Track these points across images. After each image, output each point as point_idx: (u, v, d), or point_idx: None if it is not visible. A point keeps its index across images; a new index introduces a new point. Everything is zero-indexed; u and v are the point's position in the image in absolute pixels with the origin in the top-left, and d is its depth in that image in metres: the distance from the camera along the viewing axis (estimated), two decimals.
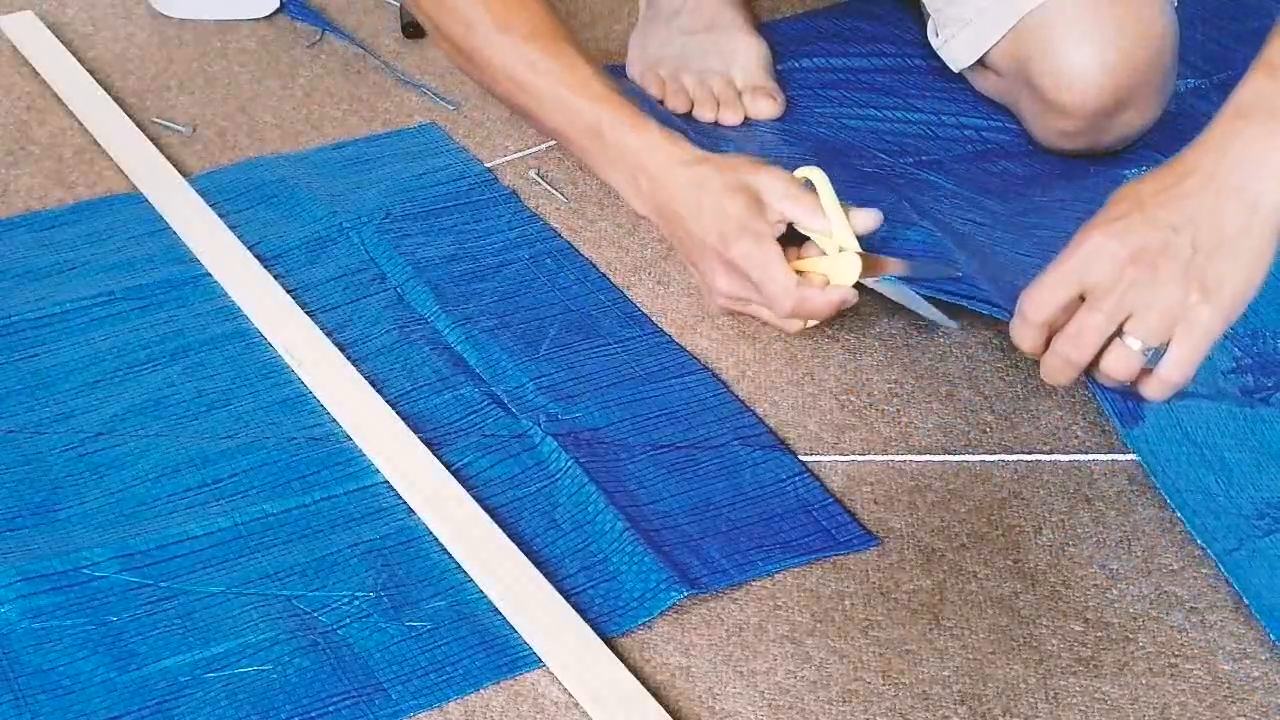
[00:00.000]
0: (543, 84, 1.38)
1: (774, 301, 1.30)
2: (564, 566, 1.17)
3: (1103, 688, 1.09)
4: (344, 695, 1.08)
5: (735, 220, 1.29)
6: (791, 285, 1.29)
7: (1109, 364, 1.13)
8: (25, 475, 1.24)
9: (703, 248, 1.32)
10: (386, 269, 1.45)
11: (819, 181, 1.31)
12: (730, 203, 1.30)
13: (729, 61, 1.64)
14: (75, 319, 1.39)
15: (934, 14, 1.60)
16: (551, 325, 1.39)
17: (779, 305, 1.30)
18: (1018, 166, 1.55)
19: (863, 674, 1.10)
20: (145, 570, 1.16)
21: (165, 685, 1.08)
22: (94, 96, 1.67)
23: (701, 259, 1.33)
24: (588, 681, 1.08)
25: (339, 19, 1.83)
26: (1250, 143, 1.08)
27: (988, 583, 1.16)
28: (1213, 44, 1.70)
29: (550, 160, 1.59)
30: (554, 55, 1.38)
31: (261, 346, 1.36)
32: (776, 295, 1.30)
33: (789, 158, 1.54)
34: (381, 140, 1.63)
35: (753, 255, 1.29)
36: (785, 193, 1.30)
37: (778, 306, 1.31)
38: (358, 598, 1.14)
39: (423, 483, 1.22)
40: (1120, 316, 1.11)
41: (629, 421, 1.29)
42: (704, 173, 1.32)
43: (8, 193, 1.55)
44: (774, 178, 1.31)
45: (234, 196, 1.54)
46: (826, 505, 1.22)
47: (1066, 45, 1.47)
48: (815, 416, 1.31)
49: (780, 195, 1.30)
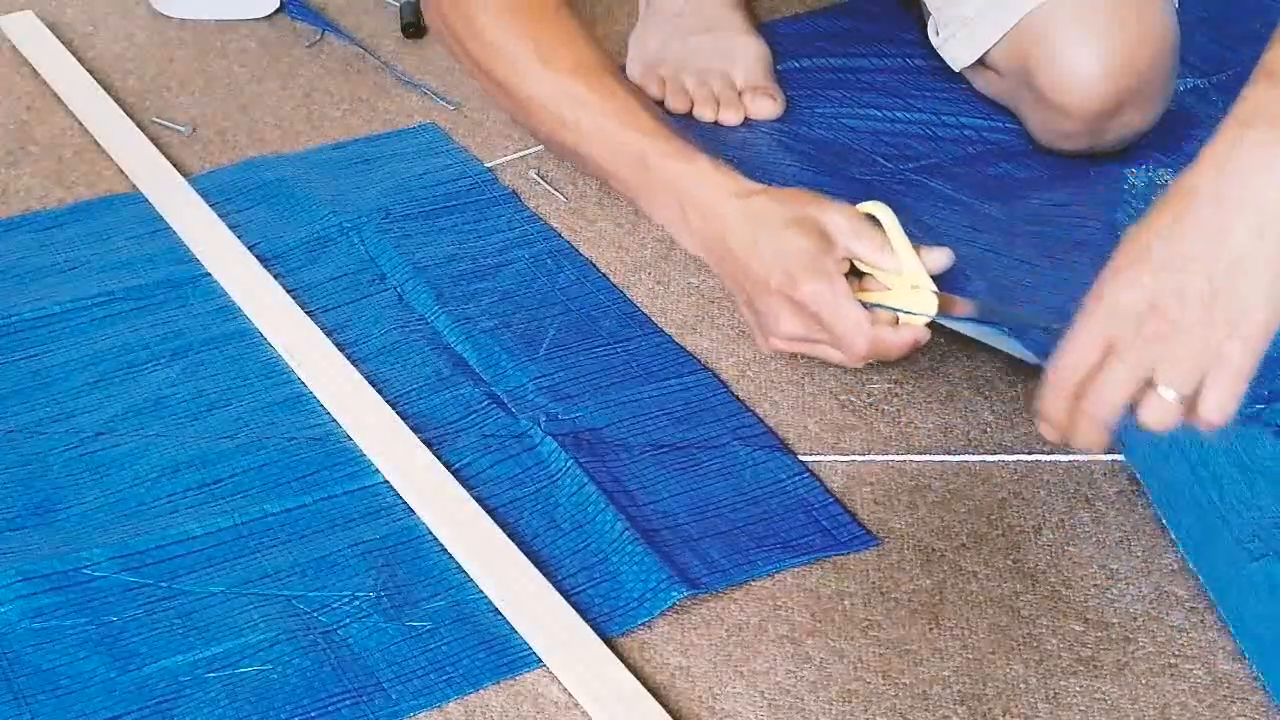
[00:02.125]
0: (586, 117, 1.31)
1: (847, 343, 1.21)
2: (564, 566, 1.17)
3: (1103, 688, 1.09)
4: (344, 695, 1.08)
5: (801, 257, 1.20)
6: (866, 325, 1.20)
7: (1148, 417, 1.06)
8: (25, 475, 1.24)
9: (764, 287, 1.22)
10: (386, 269, 1.45)
11: (885, 217, 1.22)
12: (794, 239, 1.20)
13: (729, 62, 1.63)
14: (75, 319, 1.39)
15: (934, 13, 1.60)
16: (551, 325, 1.39)
17: (853, 347, 1.21)
18: (1018, 168, 1.55)
19: (863, 674, 1.10)
20: (145, 570, 1.15)
21: (165, 685, 1.08)
22: (94, 96, 1.67)
23: (761, 298, 1.23)
24: (588, 681, 1.08)
25: (339, 19, 1.83)
26: (1252, 152, 1.04)
27: (988, 583, 1.16)
28: (1213, 44, 1.70)
29: (550, 160, 1.59)
30: (598, 88, 1.31)
31: (261, 346, 1.36)
32: (850, 336, 1.20)
33: (789, 160, 1.54)
34: (381, 140, 1.63)
35: (823, 294, 1.20)
36: (852, 229, 1.21)
37: (851, 348, 1.21)
38: (358, 598, 1.14)
39: (423, 483, 1.22)
40: (1144, 369, 1.05)
41: (629, 421, 1.29)
42: (761, 205, 1.23)
43: (8, 193, 1.55)
44: (838, 213, 1.22)
45: (234, 196, 1.54)
46: (826, 505, 1.22)
47: (1067, 46, 1.46)
48: (815, 416, 1.30)
49: (847, 232, 1.21)
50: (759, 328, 1.25)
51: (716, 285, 1.43)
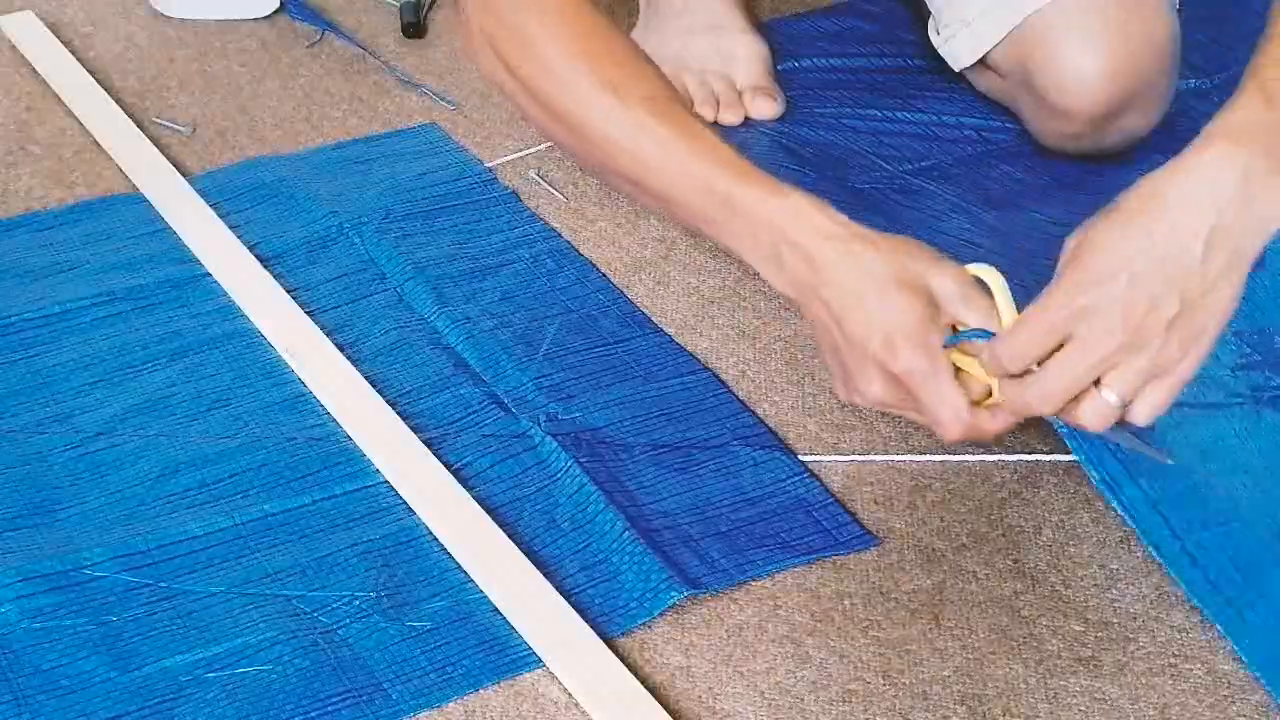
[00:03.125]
0: (662, 152, 1.20)
1: (942, 426, 1.12)
2: (564, 566, 1.17)
3: (1103, 688, 1.09)
4: (344, 695, 1.08)
5: (905, 325, 1.10)
6: (964, 411, 1.11)
7: (1086, 416, 1.07)
8: (25, 475, 1.24)
9: (860, 351, 1.12)
10: (386, 269, 1.45)
11: (995, 283, 1.13)
12: (898, 302, 1.10)
13: (729, 61, 1.64)
14: (75, 319, 1.39)
15: (936, 12, 1.60)
16: (551, 325, 1.39)
17: (947, 430, 1.12)
18: (1017, 170, 1.55)
19: (863, 674, 1.10)
20: (145, 570, 1.15)
21: (165, 685, 1.08)
22: (94, 96, 1.67)
23: (855, 360, 1.13)
24: (588, 681, 1.08)
25: (339, 19, 1.83)
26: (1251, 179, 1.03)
27: (988, 583, 1.16)
28: (1213, 44, 1.70)
29: (550, 160, 1.59)
30: (672, 120, 1.21)
31: (261, 346, 1.36)
32: (946, 421, 1.11)
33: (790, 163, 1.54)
34: (381, 140, 1.63)
35: (923, 373, 1.10)
36: (961, 295, 1.12)
37: (946, 431, 1.12)
38: (358, 598, 1.14)
39: (423, 483, 1.22)
40: (1098, 371, 1.05)
41: (629, 421, 1.29)
42: (864, 255, 1.13)
43: (8, 193, 1.55)
44: (947, 275, 1.12)
45: (234, 196, 1.54)
46: (826, 505, 1.22)
47: (1068, 48, 1.46)
48: (815, 416, 1.30)
49: (956, 298, 1.12)
50: (843, 381, 1.16)
51: (717, 285, 1.43)
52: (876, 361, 1.11)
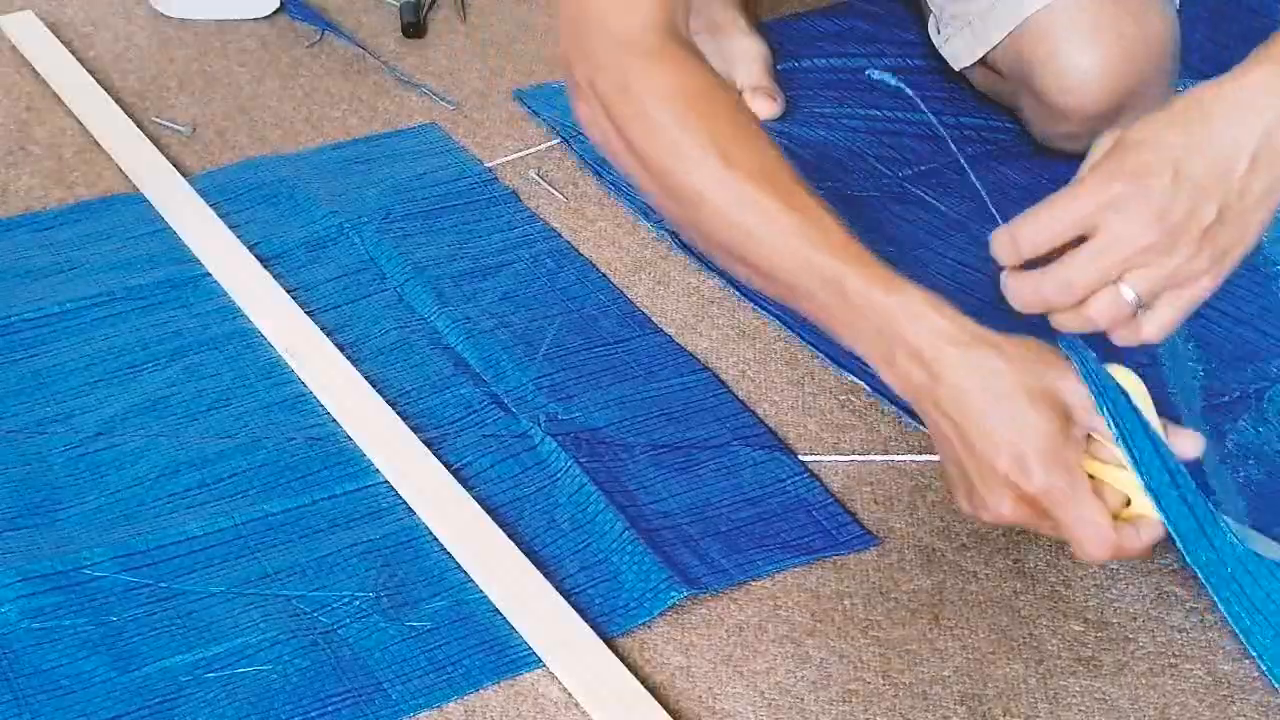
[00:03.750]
0: (771, 230, 1.10)
1: (1084, 547, 1.04)
2: (564, 566, 1.17)
3: (1103, 688, 1.09)
4: (344, 695, 1.08)
5: (1039, 442, 1.02)
6: (1108, 530, 1.03)
7: (1098, 308, 1.02)
8: (25, 475, 1.24)
9: (987, 468, 1.03)
10: (386, 269, 1.45)
11: (1135, 388, 1.05)
12: (1030, 417, 1.02)
13: (729, 62, 1.64)
14: (75, 319, 1.39)
15: (936, 11, 1.61)
16: (551, 325, 1.39)
17: (1090, 553, 1.04)
18: (1016, 172, 1.55)
19: (863, 674, 1.10)
20: (145, 570, 1.15)
21: (165, 685, 1.08)
22: (94, 96, 1.67)
23: (981, 477, 1.04)
24: (588, 681, 1.08)
25: (339, 19, 1.83)
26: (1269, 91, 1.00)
27: (988, 583, 1.16)
28: (1213, 44, 1.70)
29: (550, 160, 1.59)
30: (786, 198, 1.10)
31: (261, 346, 1.36)
32: (1089, 542, 1.03)
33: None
34: (381, 140, 1.63)
35: (1062, 493, 1.02)
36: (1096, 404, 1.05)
37: (1091, 552, 1.04)
38: (358, 598, 1.14)
39: (423, 483, 1.22)
40: (1122, 268, 1.01)
41: (629, 421, 1.29)
42: (989, 363, 1.03)
43: (8, 193, 1.55)
44: (1081, 383, 1.04)
45: (234, 196, 1.54)
46: (826, 505, 1.22)
47: (1068, 49, 1.46)
48: (815, 416, 1.30)
49: (1092, 408, 1.04)
50: (966, 495, 1.06)
51: (717, 285, 1.43)
52: (1008, 481, 1.03)
